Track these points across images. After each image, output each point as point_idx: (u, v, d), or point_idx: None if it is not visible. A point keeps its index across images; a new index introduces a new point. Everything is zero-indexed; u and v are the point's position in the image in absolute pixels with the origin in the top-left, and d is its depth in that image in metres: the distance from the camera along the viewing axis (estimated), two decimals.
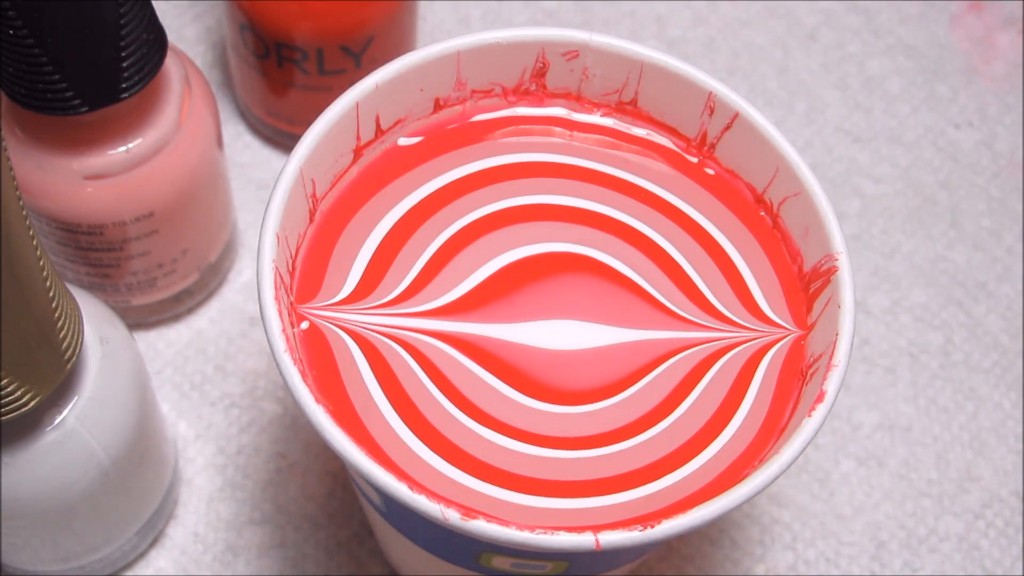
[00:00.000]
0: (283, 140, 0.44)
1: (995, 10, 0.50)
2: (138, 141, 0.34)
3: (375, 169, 0.30)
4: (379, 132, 0.30)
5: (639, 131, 0.32)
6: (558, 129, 0.31)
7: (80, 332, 0.29)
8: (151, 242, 0.36)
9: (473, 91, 0.31)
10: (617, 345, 0.29)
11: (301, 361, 0.27)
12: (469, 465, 0.27)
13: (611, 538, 0.24)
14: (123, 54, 0.31)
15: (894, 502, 0.40)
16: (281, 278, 0.27)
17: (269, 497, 0.38)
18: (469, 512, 0.24)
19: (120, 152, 0.34)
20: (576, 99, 0.32)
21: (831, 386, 0.26)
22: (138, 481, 0.34)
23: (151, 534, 0.36)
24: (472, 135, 0.31)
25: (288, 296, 0.28)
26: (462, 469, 0.27)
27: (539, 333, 0.29)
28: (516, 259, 0.29)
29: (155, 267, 0.37)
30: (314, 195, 0.29)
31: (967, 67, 0.48)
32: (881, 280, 0.44)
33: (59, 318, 0.27)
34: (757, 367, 0.29)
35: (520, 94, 0.31)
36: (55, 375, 0.28)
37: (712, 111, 0.30)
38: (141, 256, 0.37)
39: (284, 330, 0.26)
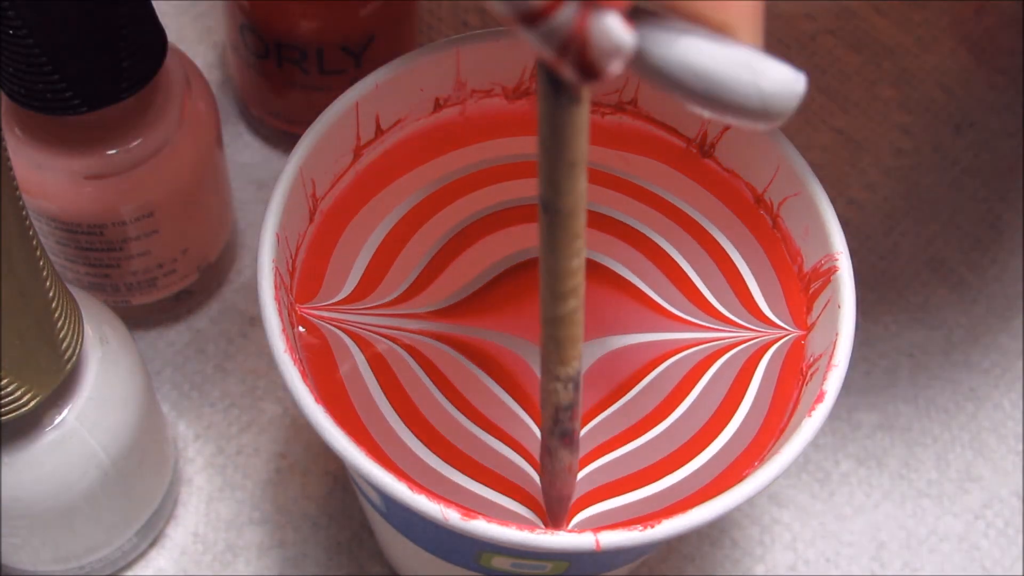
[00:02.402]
0: (283, 140, 0.44)
1: (995, 10, 0.50)
2: (138, 141, 0.34)
3: (375, 169, 0.30)
4: (379, 132, 0.30)
5: (639, 131, 0.31)
6: None
7: (80, 332, 0.29)
8: (151, 242, 0.36)
9: (473, 91, 0.31)
10: (618, 350, 0.29)
11: (301, 361, 0.27)
12: (469, 468, 0.27)
13: (611, 538, 0.24)
14: (123, 54, 0.31)
15: (894, 502, 0.40)
16: (281, 278, 0.27)
17: (269, 497, 0.38)
18: (469, 512, 0.24)
19: (120, 152, 0.34)
20: None
21: (831, 386, 0.26)
22: (138, 481, 0.34)
23: (151, 534, 0.36)
24: (472, 135, 0.31)
25: (288, 296, 0.28)
26: (462, 471, 0.27)
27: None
28: (517, 261, 0.29)
29: (155, 267, 0.37)
30: (314, 195, 0.29)
31: (966, 67, 0.48)
32: (881, 280, 0.43)
33: (59, 318, 0.27)
34: (757, 367, 0.29)
35: (520, 94, 0.31)
36: (55, 375, 0.28)
37: None
38: (141, 256, 0.37)
39: (284, 330, 0.26)
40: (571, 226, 0.22)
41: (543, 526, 0.26)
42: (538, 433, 0.27)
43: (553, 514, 0.27)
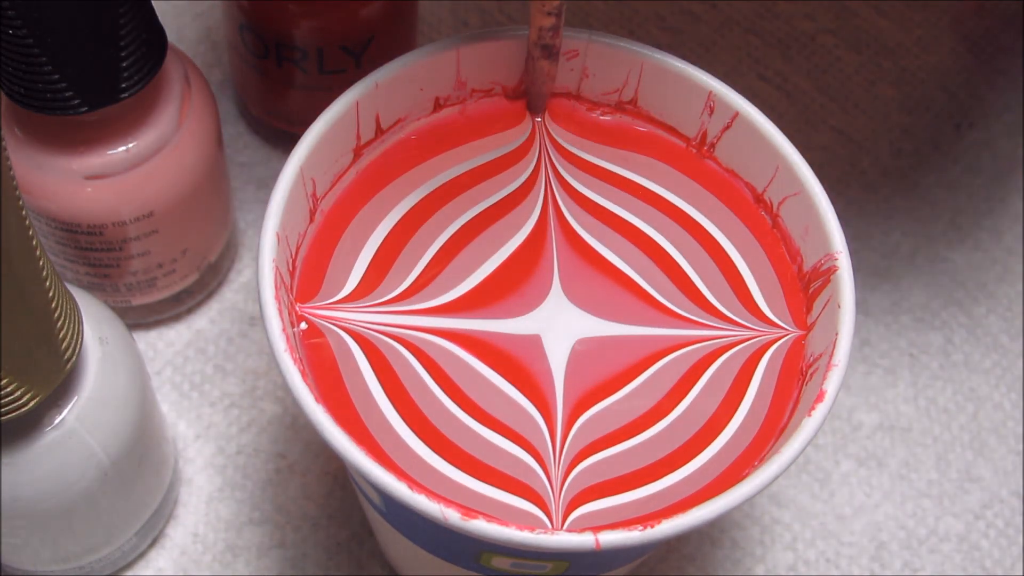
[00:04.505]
0: (283, 140, 0.44)
1: (995, 10, 0.50)
2: (138, 141, 0.34)
3: (375, 169, 0.30)
4: (379, 132, 0.30)
5: (639, 130, 0.32)
6: (558, 128, 0.31)
7: (80, 332, 0.29)
8: (151, 242, 0.36)
9: (473, 90, 0.31)
10: (616, 339, 0.28)
11: (301, 361, 0.27)
12: (471, 466, 0.27)
13: (611, 538, 0.24)
14: (123, 54, 0.31)
15: (894, 502, 0.40)
16: (281, 278, 0.27)
17: (269, 497, 0.38)
18: (469, 512, 0.24)
19: (120, 152, 0.34)
20: (576, 98, 0.32)
21: (831, 386, 0.26)
22: (138, 481, 0.34)
23: (151, 534, 0.36)
24: (472, 134, 0.31)
25: (288, 296, 0.28)
26: (462, 469, 0.27)
27: (539, 331, 0.29)
28: (515, 249, 0.29)
29: (155, 267, 0.37)
30: (314, 195, 0.29)
31: (966, 67, 0.48)
32: (881, 280, 0.43)
33: (59, 318, 0.27)
34: (756, 367, 0.29)
35: (520, 93, 0.31)
36: (55, 375, 0.28)
37: (712, 111, 0.30)
38: (141, 256, 0.37)
39: (284, 330, 0.26)
40: None
41: (548, 524, 0.26)
42: (543, 427, 0.27)
43: (534, 107, 0.31)
